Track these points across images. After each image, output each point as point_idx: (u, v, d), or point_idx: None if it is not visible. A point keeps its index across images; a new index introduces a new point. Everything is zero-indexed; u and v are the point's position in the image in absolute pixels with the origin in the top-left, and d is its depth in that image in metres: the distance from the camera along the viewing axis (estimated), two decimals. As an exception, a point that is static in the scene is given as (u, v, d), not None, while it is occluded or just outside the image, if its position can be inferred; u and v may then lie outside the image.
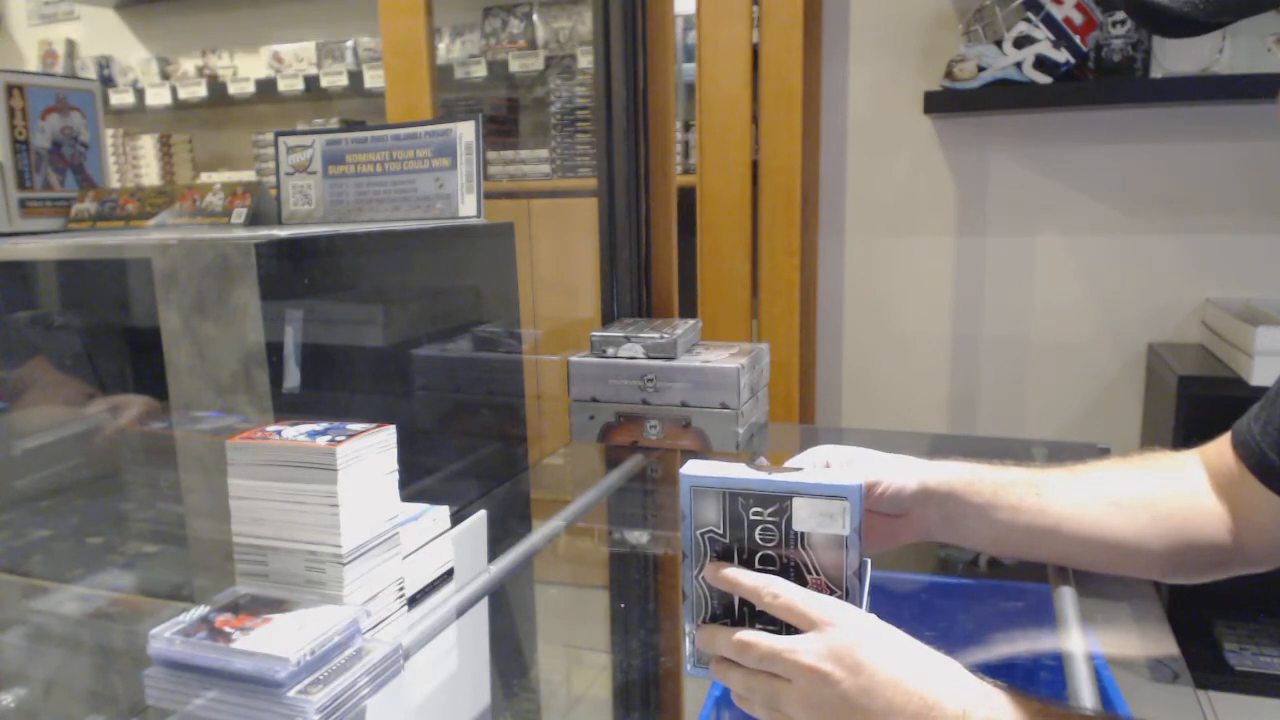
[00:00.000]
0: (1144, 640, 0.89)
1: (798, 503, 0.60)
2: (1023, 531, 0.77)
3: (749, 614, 0.63)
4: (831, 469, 0.73)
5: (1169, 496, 0.77)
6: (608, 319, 1.63)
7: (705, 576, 0.63)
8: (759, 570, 0.63)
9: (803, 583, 0.62)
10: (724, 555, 0.63)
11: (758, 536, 0.62)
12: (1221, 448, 0.76)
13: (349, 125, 2.19)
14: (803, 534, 0.61)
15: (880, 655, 0.58)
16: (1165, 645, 0.85)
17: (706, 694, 0.97)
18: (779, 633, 0.61)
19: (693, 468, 0.63)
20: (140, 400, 1.04)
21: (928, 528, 0.78)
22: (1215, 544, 0.75)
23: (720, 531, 0.63)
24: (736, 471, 0.62)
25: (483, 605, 0.91)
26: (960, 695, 0.56)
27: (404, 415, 1.09)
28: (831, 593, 0.61)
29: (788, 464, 0.72)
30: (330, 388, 0.96)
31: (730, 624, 0.63)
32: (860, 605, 0.62)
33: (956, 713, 0.55)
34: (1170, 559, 0.76)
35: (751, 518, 0.62)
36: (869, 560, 0.69)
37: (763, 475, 0.62)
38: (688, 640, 0.65)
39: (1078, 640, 0.81)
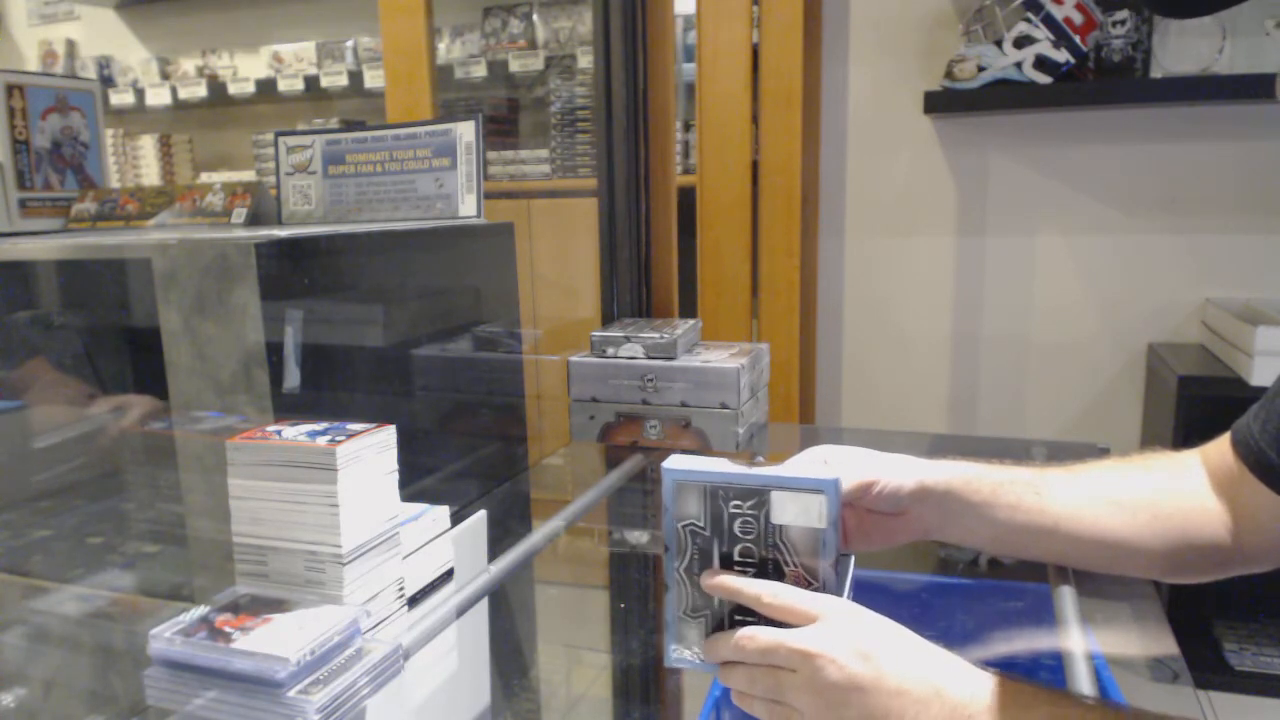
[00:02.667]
0: (1144, 640, 0.89)
1: (776, 496, 0.62)
2: (1021, 530, 0.77)
3: (729, 605, 0.64)
4: (813, 465, 0.73)
5: (1169, 496, 0.77)
6: (608, 319, 1.63)
7: (703, 584, 0.64)
8: (739, 563, 0.64)
9: (781, 575, 0.63)
10: (705, 547, 0.65)
11: (737, 529, 0.64)
12: (1222, 447, 0.76)
13: (349, 125, 2.19)
14: (781, 527, 0.62)
15: (884, 642, 0.58)
16: (1165, 645, 0.85)
17: (707, 694, 0.97)
18: (758, 624, 0.62)
19: (675, 462, 0.65)
20: (142, 400, 1.04)
21: (926, 526, 0.78)
22: (1215, 544, 0.74)
23: (701, 524, 0.64)
24: (718, 466, 0.64)
25: (483, 605, 0.91)
26: (964, 681, 0.56)
27: (404, 415, 1.09)
28: (809, 585, 0.63)
29: (786, 463, 0.73)
30: (330, 388, 0.96)
31: (710, 616, 0.65)
32: (841, 598, 0.63)
33: (964, 698, 0.55)
34: (1170, 559, 0.76)
35: (731, 511, 0.63)
36: (852, 556, 0.71)
37: (742, 469, 0.63)
38: (668, 631, 0.67)
39: (1078, 640, 0.81)
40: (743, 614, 0.64)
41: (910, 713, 0.55)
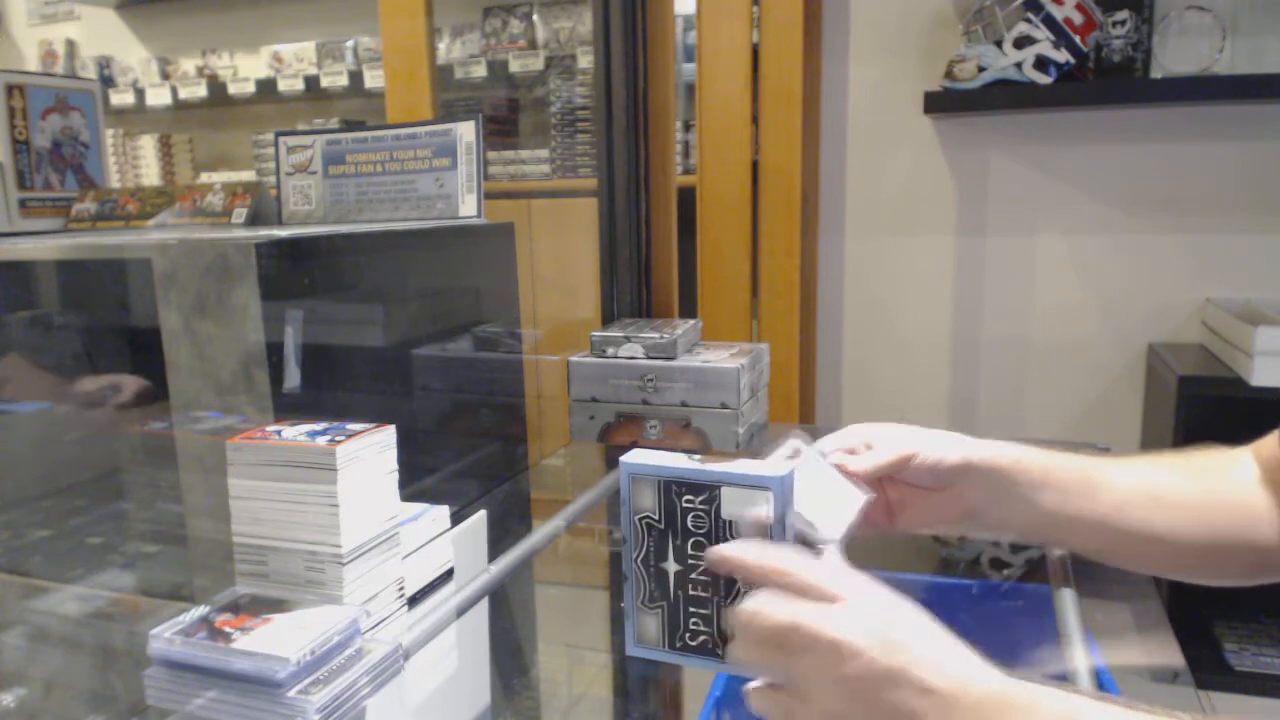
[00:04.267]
0: (1145, 641, 0.89)
1: (725, 492, 0.63)
2: (1066, 519, 0.74)
3: (684, 597, 0.65)
4: (774, 460, 0.72)
5: (1217, 495, 0.74)
6: (608, 319, 1.63)
7: (706, 558, 0.63)
8: (692, 556, 0.64)
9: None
10: (660, 540, 0.65)
11: (690, 523, 0.64)
12: (1271, 441, 0.74)
13: (349, 125, 2.19)
14: (730, 522, 0.63)
15: (915, 633, 0.55)
16: (1166, 645, 0.85)
17: (707, 694, 0.97)
18: (711, 615, 0.63)
19: (633, 456, 0.66)
20: (133, 381, 1.03)
21: (969, 504, 0.75)
22: (1262, 545, 0.72)
23: (656, 517, 0.65)
24: (672, 460, 0.65)
25: (483, 605, 0.91)
26: (985, 679, 0.53)
27: (404, 415, 1.09)
28: None
29: (822, 440, 0.76)
30: (330, 388, 0.96)
31: (666, 607, 0.65)
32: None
33: (984, 695, 0.52)
34: (1214, 559, 0.73)
35: (684, 505, 0.64)
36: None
37: (695, 465, 0.64)
38: (629, 621, 0.67)
39: (1078, 641, 0.81)
40: (698, 607, 0.64)
41: (936, 712, 0.52)
